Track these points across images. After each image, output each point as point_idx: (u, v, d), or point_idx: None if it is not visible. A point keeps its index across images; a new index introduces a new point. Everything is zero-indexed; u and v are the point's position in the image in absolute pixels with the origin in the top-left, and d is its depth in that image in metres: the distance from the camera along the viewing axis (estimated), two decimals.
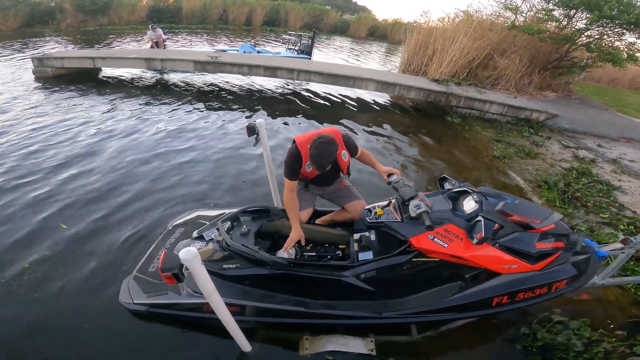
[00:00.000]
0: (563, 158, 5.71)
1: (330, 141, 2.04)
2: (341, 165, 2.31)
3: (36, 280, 2.61)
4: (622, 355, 2.24)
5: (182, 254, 1.37)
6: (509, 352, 2.38)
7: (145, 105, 6.61)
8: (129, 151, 4.70)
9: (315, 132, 2.17)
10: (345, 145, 2.25)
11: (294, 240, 2.26)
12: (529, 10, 9.75)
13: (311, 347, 2.23)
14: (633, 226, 3.74)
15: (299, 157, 2.19)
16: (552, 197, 4.28)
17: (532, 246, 1.92)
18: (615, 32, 8.68)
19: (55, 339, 2.21)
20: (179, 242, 2.54)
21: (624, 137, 7.13)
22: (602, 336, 2.39)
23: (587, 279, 2.20)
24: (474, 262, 1.94)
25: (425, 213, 1.84)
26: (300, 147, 2.17)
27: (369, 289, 2.09)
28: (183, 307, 2.23)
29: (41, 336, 2.22)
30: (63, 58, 7.91)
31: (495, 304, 2.07)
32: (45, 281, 2.60)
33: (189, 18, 19.56)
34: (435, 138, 6.41)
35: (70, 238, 3.05)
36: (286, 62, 8.48)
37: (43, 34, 13.44)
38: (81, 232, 3.13)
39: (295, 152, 2.20)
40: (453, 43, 8.83)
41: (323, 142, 2.02)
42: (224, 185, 4.08)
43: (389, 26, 25.84)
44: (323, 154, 2.02)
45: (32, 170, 4.04)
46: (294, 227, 2.27)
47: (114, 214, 3.41)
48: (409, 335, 2.35)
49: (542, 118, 7.40)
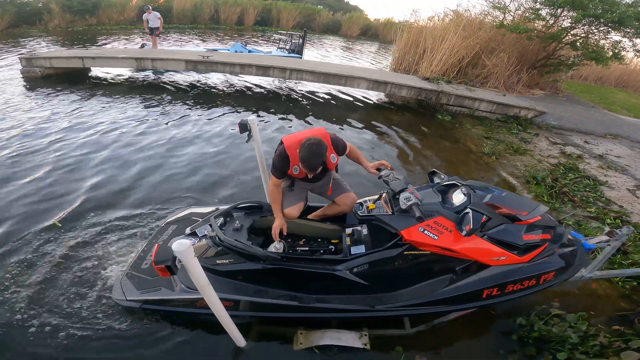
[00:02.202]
0: (551, 154, 5.82)
1: (319, 143, 2.05)
2: (329, 167, 2.31)
3: (26, 278, 2.58)
4: (617, 349, 2.27)
5: (175, 245, 1.38)
6: (504, 343, 2.41)
7: (135, 104, 6.55)
8: (119, 150, 4.66)
9: (304, 134, 2.19)
10: (333, 148, 2.26)
11: (277, 228, 2.32)
12: (517, 9, 9.91)
13: (305, 341, 2.24)
14: (619, 220, 3.83)
15: (287, 160, 2.20)
16: (540, 192, 4.36)
17: (519, 238, 1.96)
18: (600, 31, 8.85)
19: (46, 337, 2.19)
20: (171, 239, 2.54)
21: (610, 134, 7.29)
22: (598, 330, 2.42)
23: (575, 271, 2.26)
24: (464, 255, 1.98)
25: (415, 205, 1.87)
26: (288, 150, 2.17)
27: (362, 282, 2.11)
28: (176, 303, 2.23)
29: (32, 334, 2.19)
30: (52, 58, 7.79)
31: (486, 295, 2.11)
32: (35, 279, 2.57)
33: (179, 18, 19.40)
34: (426, 135, 6.48)
35: (63, 236, 3.03)
36: (278, 61, 8.48)
37: (31, 34, 13.22)
38: (74, 231, 3.10)
39: (283, 155, 2.20)
40: (443, 42, 8.94)
41: (313, 144, 2.03)
42: (216, 182, 4.08)
43: (380, 25, 25.99)
44: (314, 156, 2.03)
45: (22, 169, 3.99)
46: (277, 217, 2.35)
47: (105, 212, 3.38)
48: (402, 329, 2.38)
49: (531, 115, 7.53)
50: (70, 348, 2.14)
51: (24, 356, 2.09)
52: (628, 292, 2.94)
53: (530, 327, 2.45)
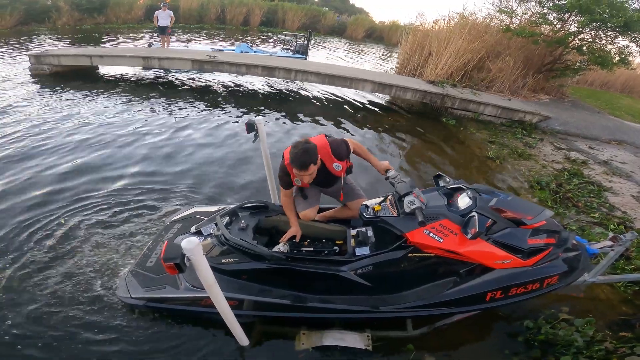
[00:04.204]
0: (555, 159, 5.81)
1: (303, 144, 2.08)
2: (336, 174, 2.34)
3: (31, 275, 2.61)
4: (622, 355, 2.27)
5: (184, 243, 1.40)
6: (510, 345, 2.42)
7: (141, 102, 6.61)
8: (122, 148, 4.71)
9: None
10: (335, 156, 2.26)
11: (290, 234, 2.38)
12: (524, 13, 9.88)
13: (308, 342, 2.25)
14: (623, 226, 3.82)
15: (288, 173, 2.29)
16: (544, 197, 4.35)
17: (524, 242, 1.96)
18: (608, 36, 8.81)
19: (48, 333, 2.21)
20: (177, 237, 2.57)
21: (615, 140, 7.25)
22: (605, 336, 2.42)
23: (578, 275, 2.26)
24: (469, 257, 1.99)
25: (419, 209, 1.88)
26: (288, 166, 2.24)
27: (366, 284, 2.12)
28: (181, 302, 2.24)
29: (34, 331, 2.22)
30: (60, 56, 7.87)
31: (489, 298, 2.11)
32: (40, 276, 2.61)
33: (186, 17, 19.49)
34: (430, 139, 6.48)
35: (68, 233, 3.06)
36: (284, 62, 8.51)
37: (39, 32, 13.34)
38: (79, 228, 3.13)
39: (284, 169, 2.30)
40: (448, 45, 8.92)
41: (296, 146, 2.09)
42: (222, 181, 4.11)
43: (386, 28, 25.97)
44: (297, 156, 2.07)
45: (18, 168, 4.03)
46: (293, 225, 2.40)
47: (112, 210, 3.41)
48: (404, 331, 2.38)
49: (535, 120, 7.51)
50: (72, 345, 2.16)
51: (25, 353, 2.10)
52: (630, 297, 2.94)
53: (537, 330, 2.45)
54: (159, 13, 10.09)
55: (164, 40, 10.59)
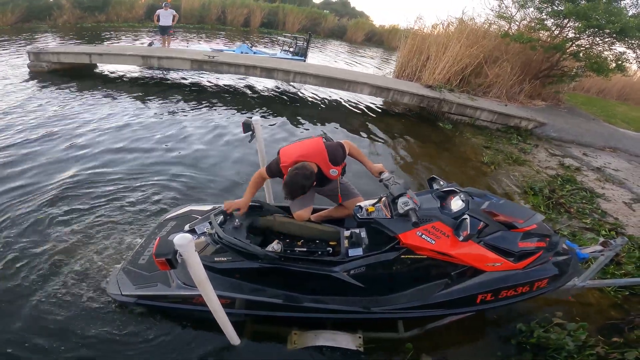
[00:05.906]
0: (549, 165, 5.85)
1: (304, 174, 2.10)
2: (332, 178, 2.35)
3: (22, 272, 2.60)
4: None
5: (177, 239, 1.41)
6: (502, 348, 2.45)
7: (140, 102, 6.61)
8: (117, 145, 4.71)
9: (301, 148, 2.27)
10: (332, 162, 2.27)
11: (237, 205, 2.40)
12: (522, 19, 9.95)
13: (300, 342, 2.26)
14: (614, 232, 3.86)
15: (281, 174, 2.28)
16: (537, 202, 4.39)
17: (515, 245, 1.99)
18: (605, 42, 8.88)
19: (38, 332, 2.20)
20: (170, 235, 2.57)
21: (609, 147, 7.32)
22: (598, 341, 2.44)
23: (568, 279, 2.29)
24: (460, 260, 2.00)
25: (412, 210, 1.90)
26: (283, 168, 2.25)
27: (358, 284, 2.13)
28: (172, 299, 2.25)
29: (23, 329, 2.21)
30: (59, 53, 7.85)
31: (480, 301, 2.13)
32: (30, 273, 2.59)
33: (187, 17, 19.49)
34: (427, 143, 6.52)
35: (60, 230, 3.05)
36: (283, 63, 8.53)
37: (40, 29, 13.31)
38: (71, 224, 3.13)
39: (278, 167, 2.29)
40: (446, 50, 8.98)
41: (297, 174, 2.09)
42: (218, 181, 4.12)
43: (385, 32, 26.07)
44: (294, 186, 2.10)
45: (22, 162, 4.02)
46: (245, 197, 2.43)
47: (104, 207, 3.40)
48: (396, 332, 2.40)
49: (531, 126, 7.57)
50: (61, 342, 2.16)
51: (16, 350, 2.10)
52: (620, 301, 2.97)
53: (530, 333, 2.47)
54: (160, 12, 10.08)
55: (164, 39, 10.58)
